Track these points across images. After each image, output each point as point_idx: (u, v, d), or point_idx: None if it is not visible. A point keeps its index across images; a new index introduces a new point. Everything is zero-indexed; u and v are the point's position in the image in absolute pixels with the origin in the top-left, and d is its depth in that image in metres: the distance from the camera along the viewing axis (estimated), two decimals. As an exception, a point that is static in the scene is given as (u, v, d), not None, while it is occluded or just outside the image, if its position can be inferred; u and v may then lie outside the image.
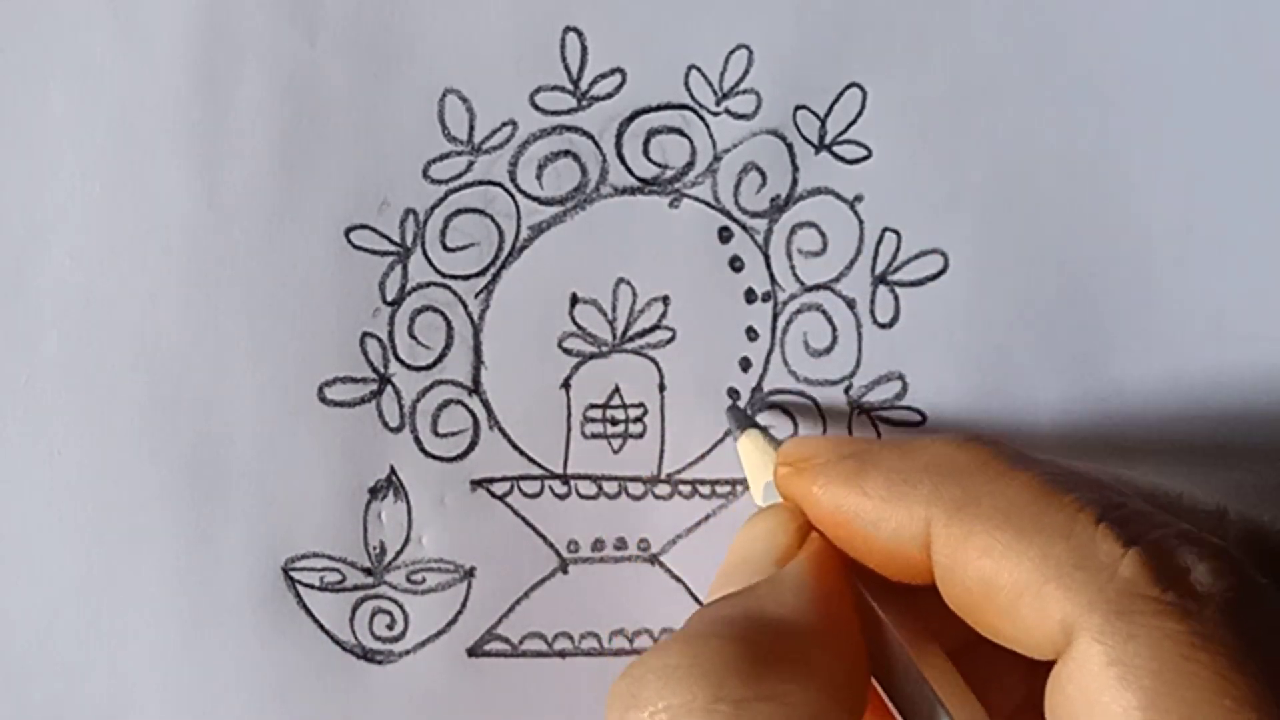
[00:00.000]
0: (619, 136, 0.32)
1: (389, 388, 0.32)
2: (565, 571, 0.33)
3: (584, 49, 0.32)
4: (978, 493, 0.25)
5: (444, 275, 0.32)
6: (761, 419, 0.33)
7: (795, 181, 0.33)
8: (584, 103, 0.32)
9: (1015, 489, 0.25)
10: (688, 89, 0.32)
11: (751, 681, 0.24)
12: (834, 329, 0.33)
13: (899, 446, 0.27)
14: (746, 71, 0.32)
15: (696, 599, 0.33)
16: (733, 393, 0.33)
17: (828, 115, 0.33)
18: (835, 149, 0.33)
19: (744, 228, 0.33)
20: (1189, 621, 0.22)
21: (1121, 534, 0.23)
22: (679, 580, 0.33)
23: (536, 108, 0.32)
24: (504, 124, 0.32)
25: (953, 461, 0.26)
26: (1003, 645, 0.25)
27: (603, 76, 0.32)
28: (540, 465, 0.33)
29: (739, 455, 0.32)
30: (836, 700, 0.24)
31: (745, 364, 0.33)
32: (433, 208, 0.32)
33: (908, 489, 0.26)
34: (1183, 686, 0.22)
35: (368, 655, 0.32)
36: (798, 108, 0.33)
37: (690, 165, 0.33)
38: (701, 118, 0.32)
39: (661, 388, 0.33)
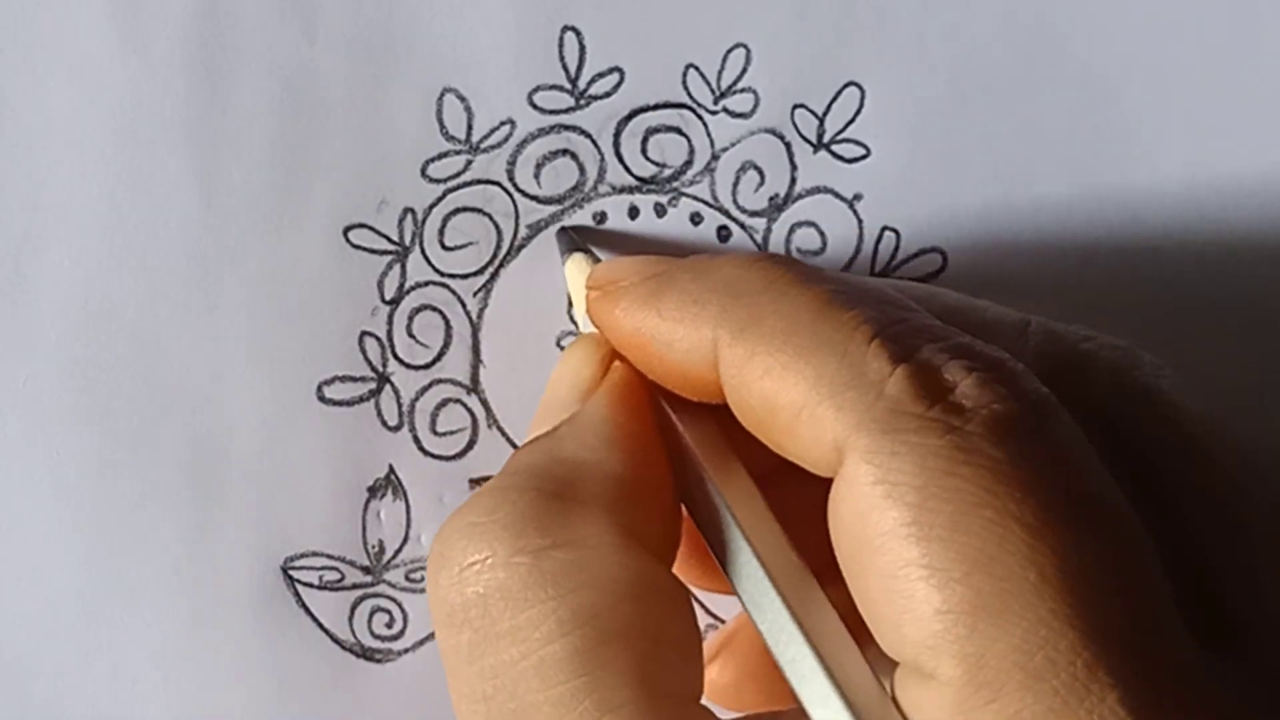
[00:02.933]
0: (617, 135, 0.32)
1: (387, 386, 0.32)
2: (564, 570, 0.33)
3: (582, 48, 0.32)
4: (762, 312, 0.24)
5: (442, 274, 0.32)
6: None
7: (794, 180, 0.33)
8: (582, 102, 0.32)
9: (798, 307, 0.24)
10: (686, 88, 0.32)
11: (549, 530, 0.24)
12: (833, 328, 0.33)
13: (694, 266, 0.26)
14: (744, 70, 0.32)
15: (694, 596, 0.33)
16: None
17: (826, 114, 0.33)
18: (834, 148, 0.33)
19: (742, 227, 0.33)
20: (951, 436, 0.22)
21: (894, 351, 0.23)
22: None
23: (535, 107, 0.32)
24: (502, 123, 0.32)
25: (743, 280, 0.25)
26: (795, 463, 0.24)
27: (601, 75, 0.32)
28: (539, 464, 0.33)
29: (566, 281, 0.31)
30: (640, 538, 0.24)
31: (745, 364, 0.33)
32: (431, 207, 0.32)
33: (698, 309, 0.25)
34: (945, 501, 0.22)
35: (367, 654, 0.32)
36: (796, 106, 0.33)
37: (688, 164, 0.33)
38: (699, 116, 0.32)
39: (661, 387, 0.33)
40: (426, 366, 0.32)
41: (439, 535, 0.25)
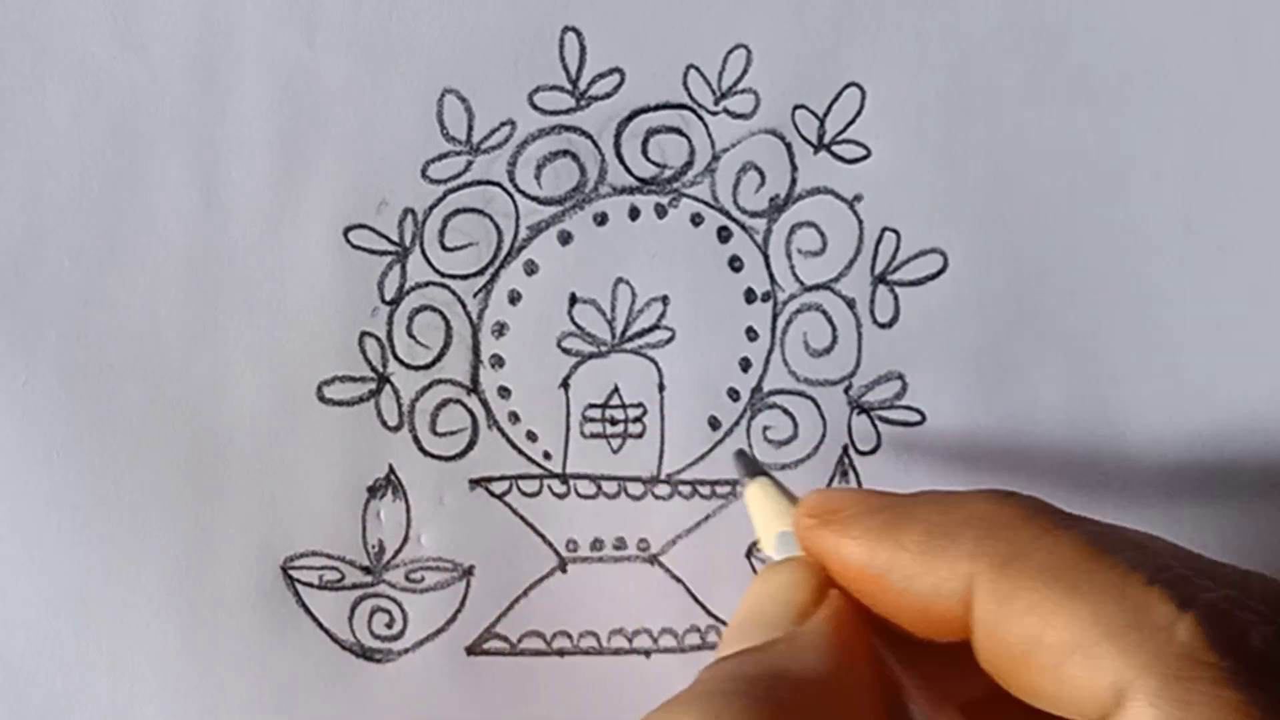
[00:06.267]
0: (618, 136, 0.32)
1: (387, 387, 0.32)
2: (564, 570, 0.33)
3: (582, 49, 0.32)
4: (1024, 548, 0.24)
5: (442, 275, 0.32)
6: (762, 419, 0.33)
7: (794, 181, 0.33)
8: (583, 102, 0.32)
9: (1063, 546, 0.24)
10: (686, 88, 0.32)
11: None
12: (834, 329, 0.33)
13: (936, 500, 0.26)
14: (745, 71, 0.32)
15: (696, 599, 0.33)
16: (732, 393, 0.33)
17: (826, 115, 0.33)
18: (834, 148, 0.33)
19: (743, 227, 0.33)
20: (1248, 690, 0.22)
21: (1175, 596, 0.23)
22: (678, 580, 0.33)
23: (535, 107, 0.32)
24: (502, 124, 0.32)
25: (995, 516, 0.25)
26: (1037, 706, 0.24)
27: (601, 76, 0.32)
28: (539, 465, 0.33)
29: (746, 504, 0.31)
30: None
31: (745, 364, 0.33)
32: (431, 207, 0.32)
33: (948, 543, 0.25)
34: None
35: (367, 654, 0.32)
36: (796, 107, 0.33)
37: (689, 165, 0.33)
38: (700, 117, 0.32)
39: (661, 388, 0.33)
40: (426, 367, 0.32)
41: None
